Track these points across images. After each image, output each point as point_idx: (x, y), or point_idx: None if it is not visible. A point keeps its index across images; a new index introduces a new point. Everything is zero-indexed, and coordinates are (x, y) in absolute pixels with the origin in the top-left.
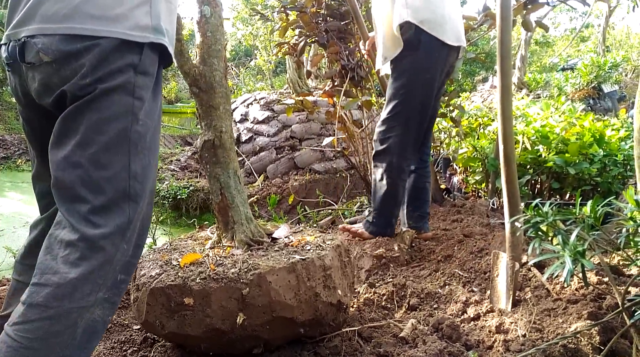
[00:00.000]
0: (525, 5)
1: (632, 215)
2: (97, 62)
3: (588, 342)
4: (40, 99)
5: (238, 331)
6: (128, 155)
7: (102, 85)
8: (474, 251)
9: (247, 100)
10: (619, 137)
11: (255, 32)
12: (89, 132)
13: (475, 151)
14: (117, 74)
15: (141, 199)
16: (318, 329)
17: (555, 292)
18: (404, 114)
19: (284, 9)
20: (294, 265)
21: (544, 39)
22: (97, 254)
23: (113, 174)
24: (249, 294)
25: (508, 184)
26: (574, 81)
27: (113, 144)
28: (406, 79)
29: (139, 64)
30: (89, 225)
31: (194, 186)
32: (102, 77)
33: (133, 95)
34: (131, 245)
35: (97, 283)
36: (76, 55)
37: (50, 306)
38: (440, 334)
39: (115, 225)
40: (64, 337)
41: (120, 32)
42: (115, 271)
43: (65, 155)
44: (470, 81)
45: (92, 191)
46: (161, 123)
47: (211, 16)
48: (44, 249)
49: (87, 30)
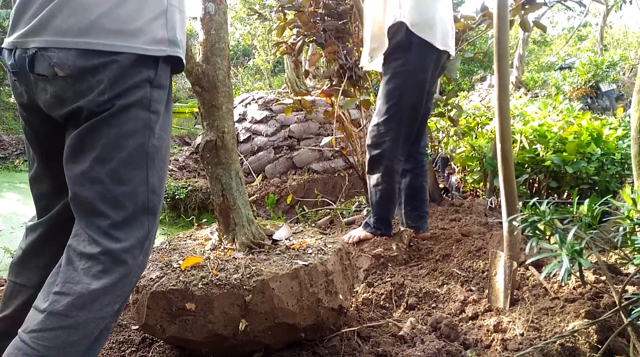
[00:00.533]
0: (523, 5)
1: (629, 214)
2: (115, 78)
3: (585, 340)
4: (49, 110)
5: (240, 337)
6: (146, 170)
7: (120, 101)
8: (472, 250)
9: (245, 99)
10: (617, 136)
11: (253, 31)
12: (107, 147)
13: (473, 150)
14: (134, 89)
15: (158, 211)
16: (318, 333)
17: (552, 291)
18: (397, 116)
19: (282, 8)
20: (296, 271)
21: (541, 38)
22: (119, 267)
23: (132, 189)
24: (252, 301)
25: (506, 183)
26: (572, 80)
27: (132, 159)
28: (399, 81)
29: (155, 78)
30: (111, 239)
31: (192, 186)
32: (120, 93)
33: (149, 109)
34: (147, 256)
35: (116, 295)
36: (92, 71)
37: (70, 315)
38: (438, 333)
39: (136, 239)
40: (80, 347)
41: (138, 47)
42: (132, 282)
43: (83, 170)
44: (468, 80)
45: (113, 207)
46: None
47: (215, 13)
48: (65, 261)
49: (105, 45)
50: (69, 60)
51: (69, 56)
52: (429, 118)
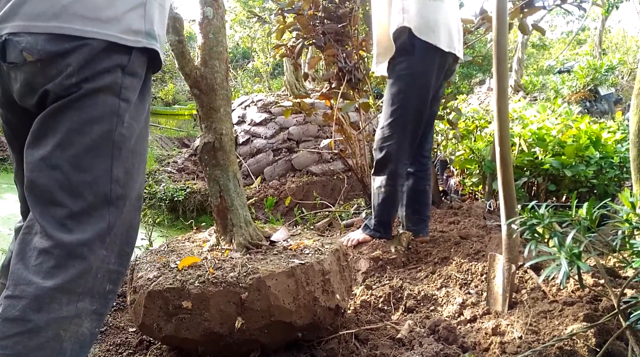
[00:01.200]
0: (522, 8)
1: (627, 217)
2: (85, 61)
3: (584, 344)
4: (22, 101)
5: (236, 335)
6: (111, 159)
7: (88, 85)
8: (471, 253)
9: (245, 102)
10: (615, 139)
11: (252, 34)
12: (70, 133)
13: (472, 153)
14: (104, 74)
15: (124, 203)
16: (316, 333)
17: (551, 294)
18: (402, 120)
19: (281, 11)
20: (293, 269)
21: (540, 41)
22: (74, 261)
23: (94, 178)
24: (248, 299)
25: (504, 186)
26: (571, 84)
27: (95, 146)
28: (403, 84)
29: (127, 64)
30: (65, 231)
31: (190, 188)
32: (89, 77)
33: (119, 96)
34: (113, 252)
35: (75, 292)
36: (63, 55)
37: (27, 319)
38: (436, 336)
39: (94, 231)
40: (47, 350)
41: (111, 35)
42: (96, 279)
43: (43, 156)
44: (467, 84)
45: (71, 195)
46: (158, 125)
47: (213, 18)
48: (15, 255)
49: (77, 30)
50: (38, 44)
51: (39, 40)
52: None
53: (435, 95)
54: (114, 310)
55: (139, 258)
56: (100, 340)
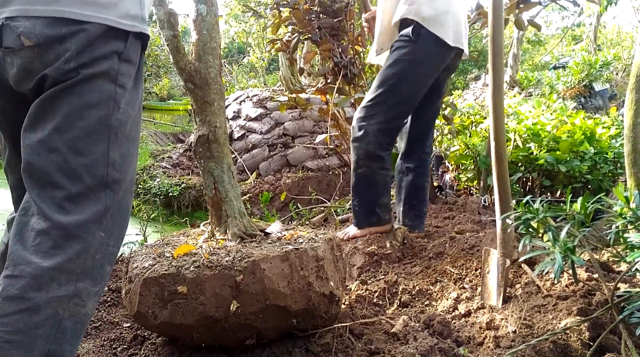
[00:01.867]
0: (517, 4)
1: (621, 211)
2: (83, 47)
3: (577, 338)
4: (19, 86)
5: (231, 319)
6: (107, 143)
7: (86, 70)
8: (466, 248)
9: (240, 97)
10: (610, 135)
11: (248, 29)
12: (68, 117)
13: (467, 149)
14: (101, 60)
15: (119, 187)
16: (310, 321)
17: (545, 288)
18: (387, 103)
19: (277, 5)
20: (287, 254)
21: (536, 37)
22: (71, 242)
23: (91, 161)
24: (243, 282)
25: (499, 182)
26: (566, 79)
27: (93, 131)
28: (399, 69)
29: (123, 51)
30: (62, 212)
31: (185, 183)
32: (87, 62)
33: (115, 82)
34: (111, 234)
35: (74, 272)
36: (61, 39)
37: (27, 297)
38: (431, 330)
39: (91, 212)
40: (46, 328)
41: (110, 19)
42: (95, 260)
43: (41, 139)
44: (463, 79)
45: (69, 177)
46: (153, 120)
47: (207, 14)
48: (13, 236)
49: (76, 14)
50: (36, 28)
51: (36, 25)
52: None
53: (438, 91)
54: (108, 305)
55: (134, 251)
56: (95, 335)
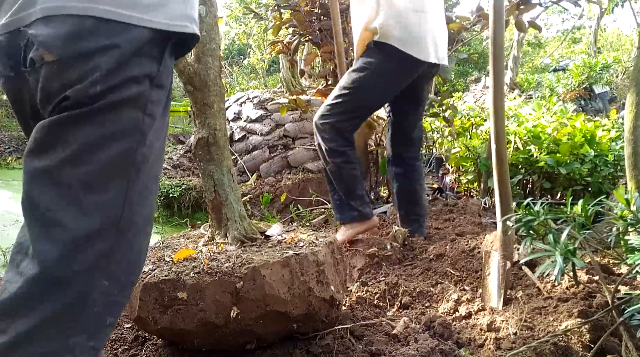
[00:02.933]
0: (518, 5)
1: (622, 214)
2: (113, 67)
3: (578, 340)
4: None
5: (232, 325)
6: (127, 180)
7: (113, 95)
8: (466, 250)
9: (241, 99)
10: (610, 137)
11: (248, 30)
12: (85, 147)
13: (468, 151)
14: (131, 84)
15: (129, 230)
16: (311, 324)
17: (546, 290)
18: (346, 105)
19: (278, 7)
20: (287, 259)
21: (536, 40)
22: (64, 291)
23: (106, 200)
24: (243, 288)
25: (500, 184)
26: (566, 82)
27: (112, 166)
28: (362, 76)
29: (156, 75)
30: (61, 257)
31: (186, 185)
32: (116, 85)
33: (144, 111)
34: (116, 282)
35: (65, 327)
36: (86, 56)
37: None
38: (432, 332)
39: (95, 258)
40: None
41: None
42: (93, 312)
43: (47, 168)
44: (463, 81)
45: (75, 217)
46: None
47: (206, 15)
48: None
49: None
50: (59, 39)
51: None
52: (424, 119)
53: (417, 99)
54: None
55: None
56: None
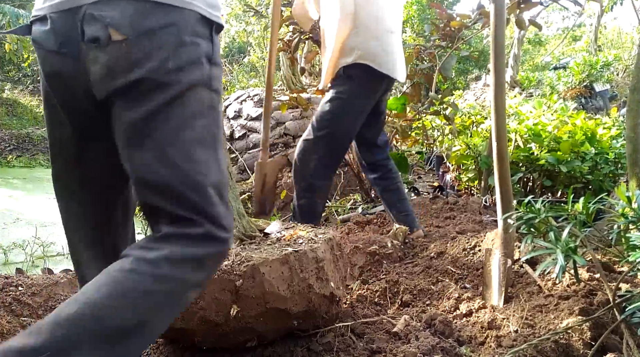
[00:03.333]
0: (519, 3)
1: (623, 212)
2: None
3: (579, 337)
4: (98, 84)
5: (232, 323)
6: (215, 150)
7: (185, 77)
8: (467, 247)
9: (241, 97)
10: (611, 135)
11: (249, 28)
12: (178, 129)
13: (468, 149)
14: (197, 65)
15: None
16: (311, 321)
17: (547, 288)
18: (326, 139)
19: None
20: (286, 257)
21: (536, 37)
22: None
23: (207, 171)
24: (243, 286)
25: (501, 182)
26: (566, 80)
27: (203, 140)
28: (335, 107)
29: (212, 53)
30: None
31: None
32: (183, 66)
33: (210, 88)
34: None
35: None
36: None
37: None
38: (432, 330)
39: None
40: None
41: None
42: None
43: (156, 155)
44: (464, 79)
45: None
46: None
47: None
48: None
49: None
50: (126, 19)
51: (126, 14)
52: (422, 117)
53: (377, 111)
54: None
55: None
56: None
